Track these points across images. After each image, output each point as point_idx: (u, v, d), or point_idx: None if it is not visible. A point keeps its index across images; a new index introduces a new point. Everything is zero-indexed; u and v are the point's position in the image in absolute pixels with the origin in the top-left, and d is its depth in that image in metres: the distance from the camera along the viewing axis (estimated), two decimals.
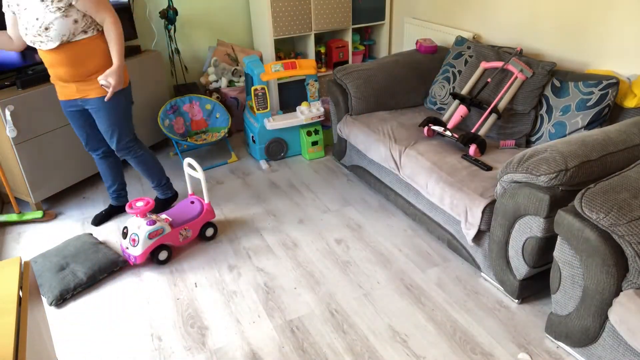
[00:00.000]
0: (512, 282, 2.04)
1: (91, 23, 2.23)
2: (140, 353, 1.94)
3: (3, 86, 2.72)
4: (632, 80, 2.25)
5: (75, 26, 2.17)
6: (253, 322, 2.06)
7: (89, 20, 2.22)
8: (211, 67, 3.75)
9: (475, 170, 2.24)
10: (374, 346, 1.92)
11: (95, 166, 3.13)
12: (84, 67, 2.27)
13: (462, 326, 1.99)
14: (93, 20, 2.24)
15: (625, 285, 1.54)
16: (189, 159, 2.50)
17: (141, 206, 2.33)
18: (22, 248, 2.61)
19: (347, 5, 3.75)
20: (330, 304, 2.14)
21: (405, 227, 2.65)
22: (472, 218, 2.08)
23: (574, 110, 2.26)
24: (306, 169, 3.31)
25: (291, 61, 3.24)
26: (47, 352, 1.28)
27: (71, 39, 2.19)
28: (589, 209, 1.55)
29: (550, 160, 1.78)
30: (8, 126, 2.57)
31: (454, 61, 2.91)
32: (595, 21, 2.42)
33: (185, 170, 2.59)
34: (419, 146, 2.50)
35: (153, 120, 3.44)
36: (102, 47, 2.30)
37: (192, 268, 2.40)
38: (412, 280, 2.25)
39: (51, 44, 2.17)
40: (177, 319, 2.10)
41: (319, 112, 3.30)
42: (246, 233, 2.65)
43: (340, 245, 2.52)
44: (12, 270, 1.23)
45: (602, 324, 1.63)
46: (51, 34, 2.15)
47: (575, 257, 1.65)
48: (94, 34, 2.25)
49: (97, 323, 2.10)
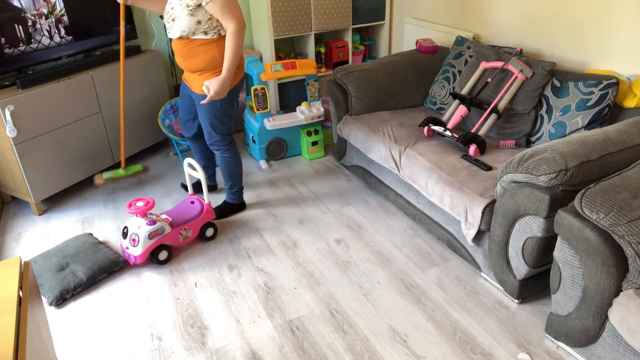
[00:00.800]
0: (512, 282, 2.04)
1: (215, 26, 2.29)
2: (140, 353, 1.94)
3: (3, 86, 2.72)
4: (632, 80, 2.25)
5: (197, 26, 2.27)
6: (253, 322, 2.06)
7: (214, 24, 2.29)
8: None
9: (475, 170, 2.24)
10: (374, 346, 1.92)
11: (95, 166, 3.13)
12: (192, 63, 2.38)
13: (462, 326, 1.99)
14: (219, 24, 2.29)
15: (625, 285, 1.54)
16: (189, 159, 2.50)
17: (141, 206, 2.33)
18: (22, 248, 2.61)
19: (347, 5, 3.75)
20: (330, 304, 2.14)
21: (405, 227, 2.65)
22: (472, 218, 2.08)
23: (574, 110, 2.26)
24: (306, 169, 3.31)
25: (291, 61, 3.24)
26: (47, 352, 1.28)
27: (190, 36, 2.30)
28: (589, 209, 1.55)
29: (550, 160, 1.78)
30: (8, 126, 2.57)
31: (454, 61, 2.91)
32: (595, 21, 2.42)
33: (185, 170, 2.59)
34: (419, 146, 2.50)
35: (153, 120, 3.44)
36: (213, 52, 2.34)
37: (192, 268, 2.40)
38: (412, 280, 2.25)
39: (173, 34, 2.34)
40: (177, 319, 2.10)
41: (319, 112, 3.30)
42: (246, 233, 2.65)
43: (340, 245, 2.52)
44: (12, 270, 1.23)
45: (602, 324, 1.63)
46: (175, 25, 2.30)
47: (575, 257, 1.65)
48: (214, 37, 2.31)
49: (97, 323, 2.10)
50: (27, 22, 2.70)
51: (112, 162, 3.25)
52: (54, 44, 2.87)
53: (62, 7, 2.85)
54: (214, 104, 2.44)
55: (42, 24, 2.78)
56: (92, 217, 2.85)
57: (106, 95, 3.09)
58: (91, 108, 3.02)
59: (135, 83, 3.26)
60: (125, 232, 2.39)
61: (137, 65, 3.25)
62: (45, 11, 2.78)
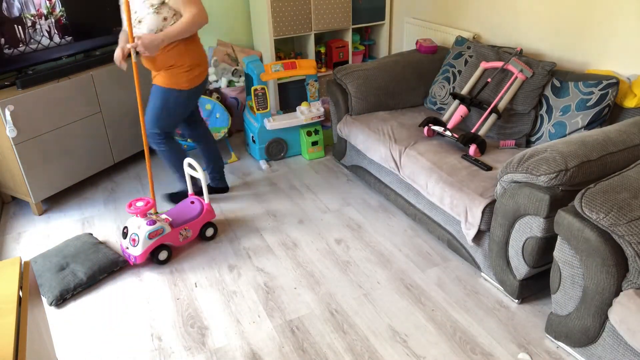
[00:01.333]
0: (512, 282, 2.04)
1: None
2: (140, 353, 1.94)
3: (3, 86, 2.72)
4: (632, 80, 2.25)
5: (164, 23, 2.32)
6: (253, 322, 2.06)
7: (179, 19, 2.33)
8: (211, 67, 3.75)
9: (475, 170, 2.24)
10: (374, 346, 1.92)
11: (95, 166, 3.13)
12: (160, 61, 2.41)
13: (462, 326, 1.99)
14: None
15: (625, 285, 1.54)
16: (189, 159, 2.50)
17: (141, 206, 2.33)
18: (22, 248, 2.61)
19: (347, 5, 3.75)
20: (330, 304, 2.14)
21: (405, 227, 2.65)
22: (472, 218, 2.08)
23: (574, 110, 2.26)
24: (306, 169, 3.31)
25: (291, 61, 3.24)
26: (47, 352, 1.28)
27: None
28: (589, 209, 1.55)
29: (550, 160, 1.78)
30: (8, 126, 2.57)
31: (454, 61, 2.91)
32: (595, 21, 2.42)
33: (185, 170, 2.59)
34: (419, 146, 2.50)
35: None
36: (179, 47, 2.39)
37: (192, 268, 2.40)
38: (412, 280, 2.25)
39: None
40: (177, 319, 2.10)
41: (319, 112, 3.30)
42: (246, 233, 2.65)
43: (340, 245, 2.52)
44: (12, 270, 1.23)
45: (602, 324, 1.63)
46: (142, 27, 2.33)
47: (575, 257, 1.65)
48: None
49: (97, 323, 2.10)
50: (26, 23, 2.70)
51: (112, 162, 3.25)
52: (54, 44, 2.87)
53: (62, 8, 2.85)
54: (169, 93, 2.47)
55: (42, 24, 2.78)
56: (92, 217, 2.85)
57: (106, 95, 3.09)
58: (91, 108, 3.02)
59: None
60: (125, 232, 2.38)
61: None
62: (45, 12, 2.78)
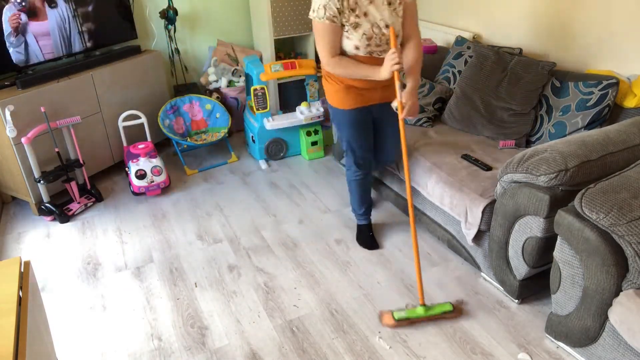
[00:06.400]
0: (512, 282, 2.04)
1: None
2: (140, 353, 1.94)
3: (3, 86, 2.72)
4: (632, 80, 2.25)
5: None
6: (253, 322, 2.06)
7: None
8: (211, 67, 3.75)
9: (475, 170, 2.24)
10: (374, 346, 1.92)
11: (94, 166, 3.13)
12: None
13: (462, 326, 1.99)
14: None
15: (625, 285, 1.54)
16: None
17: (143, 147, 2.93)
18: (22, 248, 2.61)
19: None
20: (330, 304, 2.14)
21: (405, 227, 2.65)
22: (472, 218, 2.08)
23: (574, 111, 2.26)
24: (306, 169, 3.31)
25: (291, 61, 3.24)
26: (47, 352, 1.28)
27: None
28: (589, 209, 1.55)
29: (550, 160, 1.78)
30: (8, 126, 2.57)
31: (454, 61, 2.91)
32: (595, 21, 2.42)
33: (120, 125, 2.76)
34: (418, 146, 2.49)
35: (153, 120, 3.43)
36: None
37: (192, 268, 2.40)
38: (412, 281, 2.25)
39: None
40: (177, 318, 2.10)
41: (318, 112, 3.30)
42: (246, 233, 2.65)
43: (340, 245, 2.52)
44: (12, 270, 1.23)
45: (602, 324, 1.63)
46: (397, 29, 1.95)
47: (575, 257, 1.65)
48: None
49: (97, 323, 2.10)
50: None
51: (112, 162, 3.25)
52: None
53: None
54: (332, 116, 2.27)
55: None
56: (92, 217, 2.85)
57: (106, 95, 3.09)
58: (91, 108, 3.02)
59: (135, 83, 3.26)
60: (142, 174, 2.90)
61: (137, 65, 3.25)
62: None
